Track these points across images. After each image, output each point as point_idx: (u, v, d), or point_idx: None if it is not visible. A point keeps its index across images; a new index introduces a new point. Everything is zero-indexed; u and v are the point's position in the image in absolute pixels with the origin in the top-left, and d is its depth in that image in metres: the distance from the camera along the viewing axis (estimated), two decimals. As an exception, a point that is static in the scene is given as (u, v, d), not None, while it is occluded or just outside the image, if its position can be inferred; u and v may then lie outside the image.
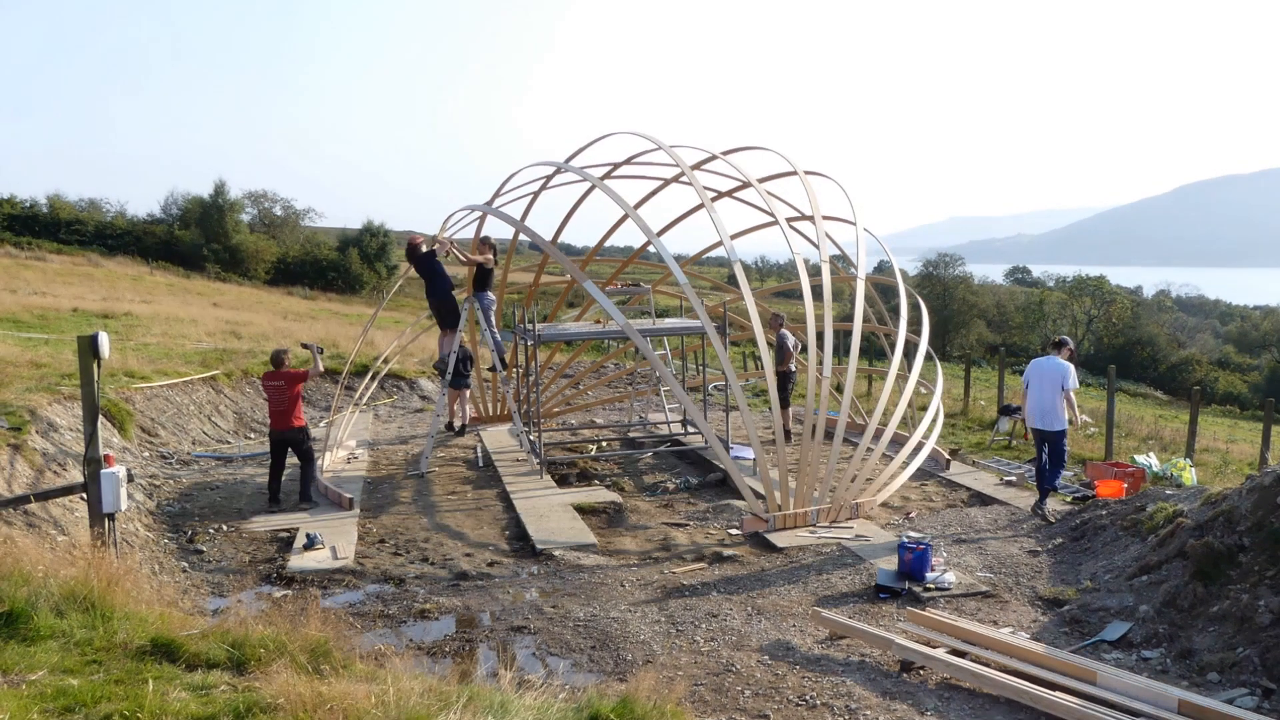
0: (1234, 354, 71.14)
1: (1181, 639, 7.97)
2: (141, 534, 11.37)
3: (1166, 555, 9.00)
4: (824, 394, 12.42)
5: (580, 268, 15.06)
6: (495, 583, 10.08)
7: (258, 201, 75.90)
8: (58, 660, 5.68)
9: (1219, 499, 9.25)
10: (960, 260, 77.04)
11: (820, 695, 7.32)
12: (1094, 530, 10.89)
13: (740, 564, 10.56)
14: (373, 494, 13.91)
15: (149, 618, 6.50)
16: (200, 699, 5.21)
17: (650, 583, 10.01)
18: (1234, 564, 8.24)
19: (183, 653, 6.01)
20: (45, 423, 12.80)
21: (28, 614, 6.13)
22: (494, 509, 13.09)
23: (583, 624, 8.89)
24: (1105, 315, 70.53)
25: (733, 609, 9.19)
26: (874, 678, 7.63)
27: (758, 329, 12.85)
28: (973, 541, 11.26)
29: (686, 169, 14.82)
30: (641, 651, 8.20)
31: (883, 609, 9.17)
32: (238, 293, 52.53)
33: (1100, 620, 8.59)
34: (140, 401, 16.60)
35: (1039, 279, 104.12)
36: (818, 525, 11.70)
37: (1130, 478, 12.97)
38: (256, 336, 27.55)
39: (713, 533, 11.82)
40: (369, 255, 71.26)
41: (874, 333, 18.24)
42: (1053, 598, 9.30)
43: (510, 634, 8.70)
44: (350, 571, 10.40)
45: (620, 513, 12.86)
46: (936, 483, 14.21)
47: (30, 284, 37.20)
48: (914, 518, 12.33)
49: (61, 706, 5.00)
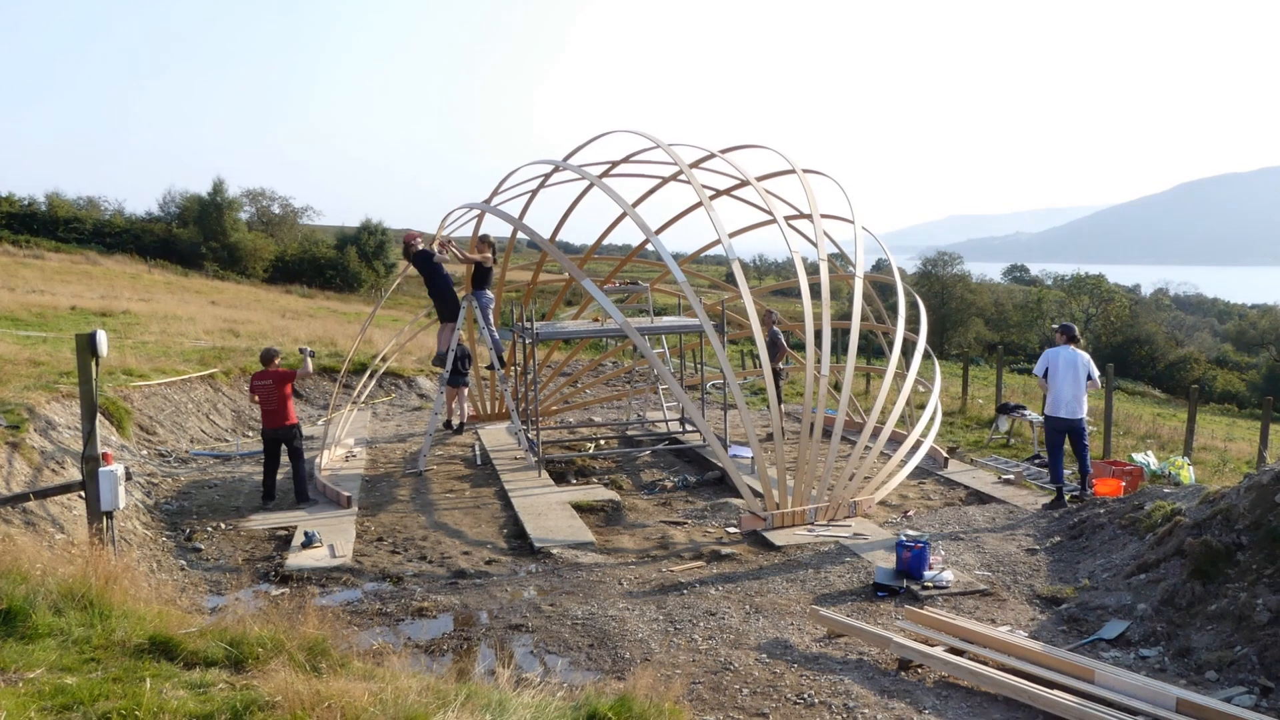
0: (1232, 352, 71.19)
1: (1180, 637, 7.97)
2: (140, 532, 11.36)
3: (1164, 554, 9.00)
4: (822, 392, 12.41)
5: (578, 266, 15.05)
6: (493, 581, 10.08)
7: (255, 199, 75.66)
8: (56, 658, 5.66)
9: (1217, 497, 9.25)
10: (959, 258, 77.02)
11: (818, 693, 7.32)
12: (1092, 528, 10.89)
13: (738, 562, 10.56)
14: (371, 492, 13.89)
15: (147, 616, 6.48)
16: (198, 697, 5.20)
17: (648, 581, 10.01)
18: (1232, 562, 8.24)
19: (181, 651, 6.00)
20: (44, 421, 12.78)
21: (26, 612, 6.12)
22: (492, 507, 13.09)
23: (580, 622, 8.90)
24: (1104, 314, 70.57)
25: (731, 607, 9.19)
26: (872, 676, 7.64)
27: (755, 328, 12.86)
28: (971, 540, 11.27)
29: (685, 167, 14.82)
30: (639, 650, 8.20)
31: (881, 607, 9.17)
32: (236, 291, 52.45)
33: (1098, 619, 8.59)
34: (138, 400, 16.59)
35: (1037, 277, 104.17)
36: (816, 523, 11.70)
37: (1128, 476, 12.97)
38: (255, 335, 27.50)
39: (711, 531, 11.82)
40: (367, 253, 71.13)
41: (872, 331, 18.23)
42: (1051, 596, 9.30)
43: (508, 632, 8.70)
44: (348, 569, 10.41)
45: (618, 511, 12.86)
46: (934, 481, 14.22)
47: (29, 282, 37.17)
48: (912, 516, 12.34)
49: (59, 705, 4.98)
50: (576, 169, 16.41)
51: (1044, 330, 65.25)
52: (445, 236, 16.55)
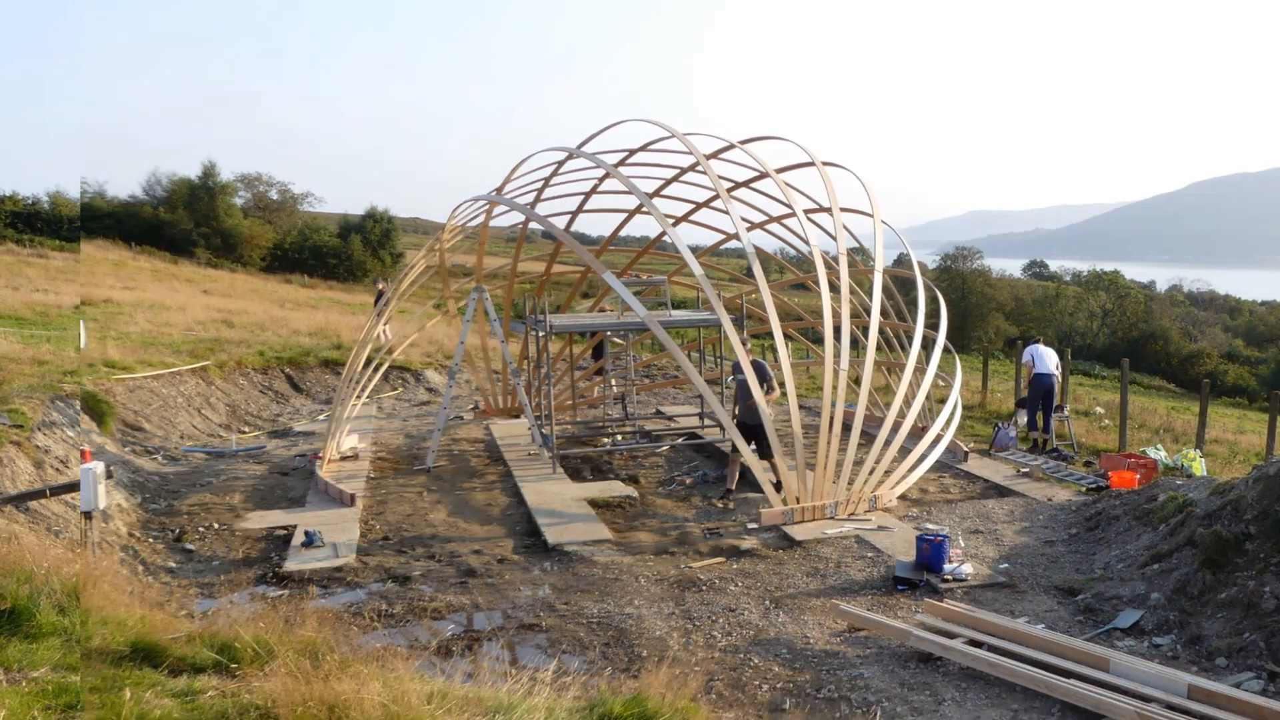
0: (1243, 347, 71.01)
1: (1191, 625, 8.13)
2: (123, 533, 11.02)
3: (1177, 544, 9.15)
4: (841, 387, 12.43)
5: (594, 257, 14.87)
6: (505, 580, 9.94)
7: (251, 184, 72.05)
8: (60, 658, 5.53)
9: (1226, 488, 9.42)
10: (978, 253, 76.82)
11: (838, 687, 7.36)
12: (1108, 520, 11.03)
13: (758, 558, 10.55)
14: (376, 489, 13.64)
15: (129, 621, 6.23)
16: (185, 705, 5.03)
17: (666, 578, 9.92)
18: (1241, 552, 8.40)
19: (166, 657, 5.80)
20: (47, 419, 12.60)
21: (30, 611, 5.95)
22: (503, 503, 12.99)
23: (596, 621, 8.80)
24: (1120, 309, 70.38)
25: (750, 603, 9.20)
26: (891, 669, 7.69)
27: (774, 323, 12.78)
28: (989, 533, 11.36)
29: (701, 158, 14.68)
30: (656, 648, 8.15)
31: (900, 600, 9.25)
32: (230, 280, 50.94)
33: (1113, 608, 8.73)
34: (122, 394, 16.07)
35: (1055, 273, 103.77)
36: (836, 518, 11.76)
37: (1143, 468, 13.12)
38: (251, 326, 26.71)
39: (730, 526, 11.78)
40: (373, 242, 68.50)
41: (893, 329, 18.13)
42: (1067, 587, 9.43)
43: (520, 632, 8.61)
44: (352, 570, 10.19)
45: (635, 506, 12.80)
46: (953, 475, 14.28)
47: (32, 281, 36.56)
48: (932, 510, 12.41)
49: (63, 704, 4.89)
50: (591, 156, 15.92)
51: (1062, 324, 65.15)
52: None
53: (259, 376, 21.46)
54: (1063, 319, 67.79)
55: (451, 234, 18.67)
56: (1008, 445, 15.76)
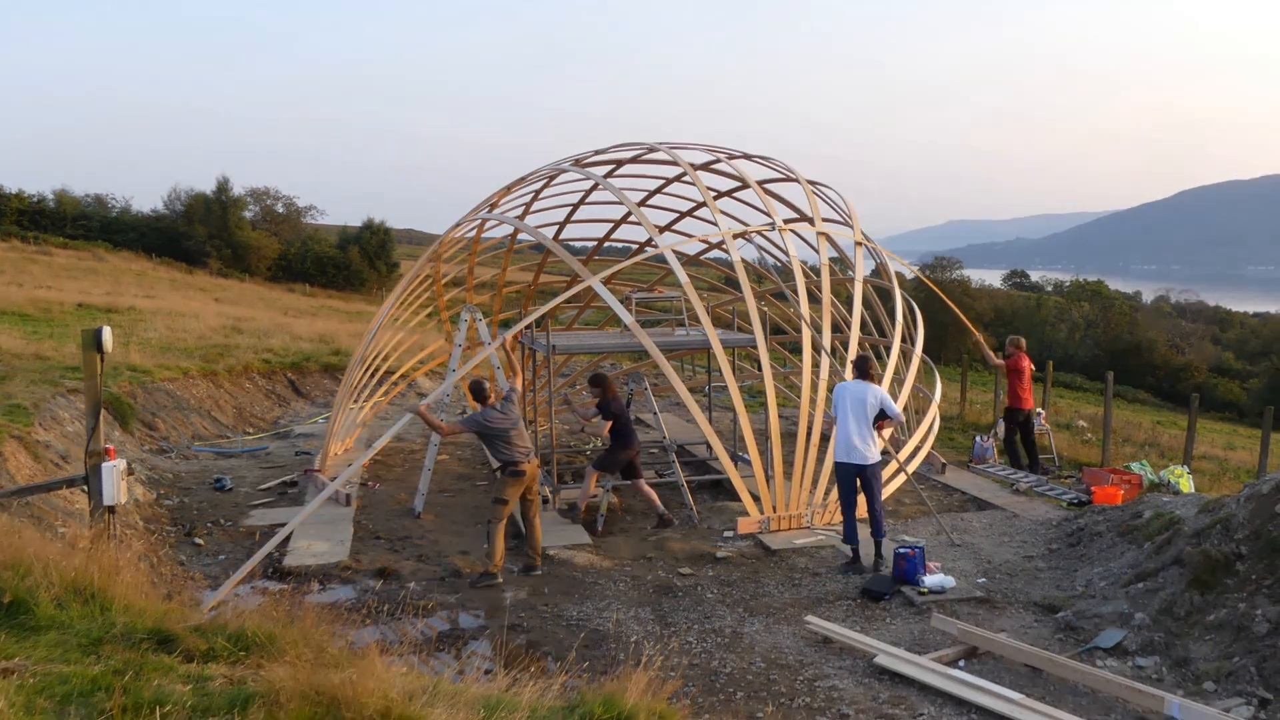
0: (1233, 361, 70.77)
1: (1177, 647, 7.91)
2: (141, 527, 11.40)
3: (1163, 562, 8.94)
4: (820, 397, 12.36)
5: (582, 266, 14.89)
6: (489, 580, 10.11)
7: (259, 198, 75.84)
8: (59, 652, 5.68)
9: (1216, 506, 9.20)
10: (957, 263, 76.82)
11: (813, 698, 7.32)
12: (1090, 536, 10.84)
13: (733, 565, 10.55)
14: (370, 491, 14.02)
15: (147, 609, 6.52)
16: (198, 690, 5.22)
17: (644, 583, 10.02)
18: (1231, 572, 8.18)
19: (180, 644, 6.03)
20: (49, 415, 12.87)
21: (29, 604, 6.16)
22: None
23: (575, 623, 8.94)
24: (1104, 320, 70.31)
25: (725, 610, 9.20)
26: (865, 680, 7.62)
27: (757, 330, 12.68)
28: (967, 546, 11.24)
29: (688, 168, 14.82)
30: (634, 651, 8.12)
31: (876, 610, 9.17)
32: (239, 289, 52.78)
33: (1095, 627, 8.54)
34: (141, 396, 16.71)
35: (1037, 283, 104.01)
36: (812, 527, 11.67)
37: (1127, 484, 12.94)
38: (257, 332, 27.82)
39: (707, 534, 11.78)
40: (369, 253, 71.29)
41: (871, 343, 17.97)
42: (1047, 604, 9.27)
43: (503, 632, 8.71)
44: (346, 567, 10.48)
45: (614, 512, 12.81)
46: (932, 487, 14.15)
47: (36, 278, 37.45)
48: (909, 522, 12.28)
49: (62, 695, 5.00)
50: (581, 170, 16.47)
51: (1043, 335, 65.07)
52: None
53: (263, 381, 22.29)
54: (1044, 330, 67.69)
55: (448, 247, 18.72)
56: (986, 458, 15.61)
